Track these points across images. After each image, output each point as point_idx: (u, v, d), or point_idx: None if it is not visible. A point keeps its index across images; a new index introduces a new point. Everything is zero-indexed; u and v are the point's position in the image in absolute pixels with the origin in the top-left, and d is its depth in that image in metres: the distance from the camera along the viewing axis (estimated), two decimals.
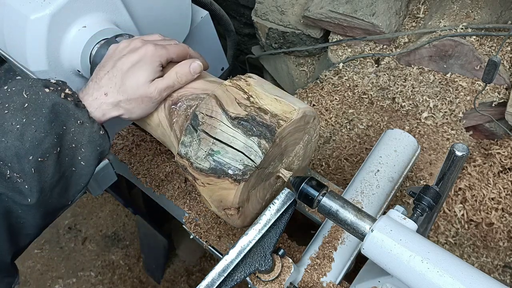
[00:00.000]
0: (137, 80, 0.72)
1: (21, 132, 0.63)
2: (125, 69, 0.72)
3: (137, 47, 0.75)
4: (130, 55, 0.73)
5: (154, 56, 0.73)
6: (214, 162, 0.67)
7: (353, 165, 1.19)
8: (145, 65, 0.73)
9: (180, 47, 0.78)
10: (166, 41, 0.79)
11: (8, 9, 0.85)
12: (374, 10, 1.30)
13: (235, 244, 0.67)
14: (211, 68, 1.46)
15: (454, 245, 1.07)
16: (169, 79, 0.74)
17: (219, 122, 0.66)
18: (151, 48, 0.74)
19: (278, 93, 0.71)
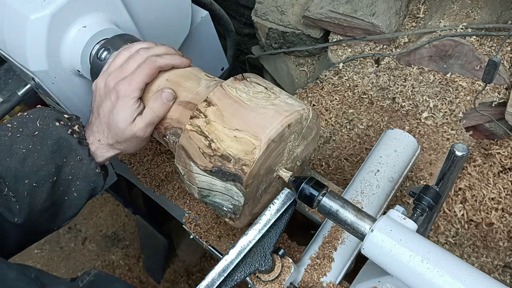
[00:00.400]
0: (118, 125, 0.74)
1: (24, 157, 0.69)
2: (106, 116, 0.75)
3: (109, 88, 0.75)
4: (106, 101, 0.75)
5: (125, 96, 0.73)
6: (209, 201, 0.73)
7: (353, 165, 1.19)
8: (121, 108, 0.73)
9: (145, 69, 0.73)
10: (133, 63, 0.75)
11: (8, 9, 0.85)
12: (374, 10, 1.30)
13: (235, 244, 0.67)
14: (211, 68, 1.47)
15: (454, 245, 1.07)
16: (148, 117, 0.74)
17: (195, 173, 0.69)
18: (121, 89, 0.73)
19: (240, 121, 0.65)
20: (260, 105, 0.66)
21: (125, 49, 0.78)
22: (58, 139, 0.72)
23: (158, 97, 0.73)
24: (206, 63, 1.40)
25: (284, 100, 0.69)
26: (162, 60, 0.75)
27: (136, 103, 0.74)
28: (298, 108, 0.68)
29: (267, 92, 0.69)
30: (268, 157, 0.67)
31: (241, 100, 0.67)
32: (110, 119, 0.74)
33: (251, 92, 0.68)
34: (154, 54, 0.76)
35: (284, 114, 0.66)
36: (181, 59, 0.78)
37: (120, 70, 0.75)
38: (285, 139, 0.69)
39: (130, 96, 0.73)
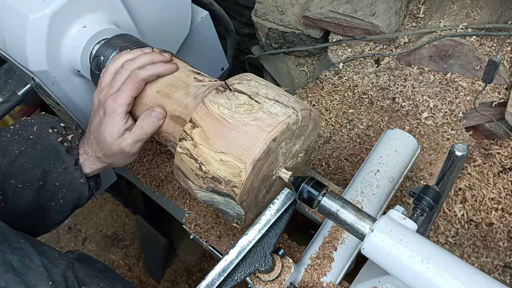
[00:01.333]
0: (106, 140, 0.75)
1: (15, 158, 0.73)
2: (95, 131, 0.77)
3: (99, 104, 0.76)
4: (95, 117, 0.77)
5: (112, 112, 0.74)
6: (217, 208, 0.74)
7: (353, 165, 1.19)
8: (108, 124, 0.75)
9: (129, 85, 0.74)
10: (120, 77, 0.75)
11: (8, 9, 0.85)
12: (374, 10, 1.30)
13: (235, 244, 0.67)
14: (211, 68, 1.47)
15: (454, 245, 1.07)
16: (137, 134, 0.75)
17: (195, 191, 0.71)
18: (108, 105, 0.74)
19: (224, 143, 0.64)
20: (242, 122, 0.64)
21: (112, 62, 0.78)
22: (47, 145, 0.75)
23: (148, 116, 0.74)
24: (206, 63, 1.40)
25: (268, 110, 0.65)
26: (145, 72, 0.74)
27: (123, 119, 0.74)
28: (282, 118, 0.64)
29: (250, 102, 0.66)
30: (259, 172, 0.67)
31: (223, 118, 0.65)
32: (98, 134, 0.76)
33: (233, 106, 0.66)
34: (138, 67, 0.75)
35: (266, 130, 0.63)
36: (165, 67, 0.77)
37: (109, 86, 0.76)
38: (274, 150, 0.67)
39: (116, 112, 0.74)
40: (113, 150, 0.75)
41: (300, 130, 0.71)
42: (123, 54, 0.80)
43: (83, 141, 0.80)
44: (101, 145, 0.76)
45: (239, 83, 0.69)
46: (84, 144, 0.80)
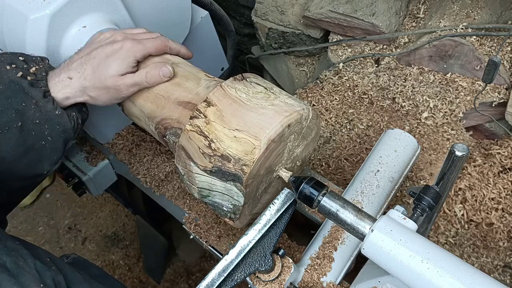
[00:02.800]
0: (107, 71, 0.74)
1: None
2: (98, 58, 0.75)
3: (116, 40, 0.77)
4: (107, 46, 0.76)
5: (129, 51, 0.75)
6: (209, 202, 0.74)
7: (353, 165, 1.19)
8: (119, 59, 0.75)
9: (157, 42, 0.79)
10: (148, 35, 0.80)
11: (8, 9, 0.85)
12: (374, 10, 1.30)
13: (235, 244, 0.67)
14: (211, 68, 1.47)
15: (454, 245, 1.07)
16: (138, 78, 0.76)
17: (195, 174, 0.70)
18: (129, 44, 0.75)
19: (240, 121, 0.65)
20: (259, 105, 0.66)
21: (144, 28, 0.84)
22: (9, 83, 0.71)
23: (157, 67, 0.76)
24: (206, 63, 1.40)
25: (284, 100, 0.68)
26: (172, 43, 0.81)
27: (134, 62, 0.76)
28: (298, 108, 0.68)
29: (266, 92, 0.69)
30: (268, 157, 0.67)
31: (241, 100, 0.67)
32: (102, 62, 0.74)
33: (250, 92, 0.68)
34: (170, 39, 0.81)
35: (283, 114, 0.66)
36: (186, 49, 0.84)
37: (133, 34, 0.79)
38: (285, 139, 0.69)
39: (133, 54, 0.75)
40: (108, 83, 0.75)
41: (306, 130, 0.73)
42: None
43: (67, 67, 0.77)
44: (97, 74, 0.75)
45: (255, 78, 0.72)
46: (69, 69, 0.76)
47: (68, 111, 0.77)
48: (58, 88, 0.75)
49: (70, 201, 2.49)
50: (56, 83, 0.75)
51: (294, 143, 0.72)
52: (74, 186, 1.18)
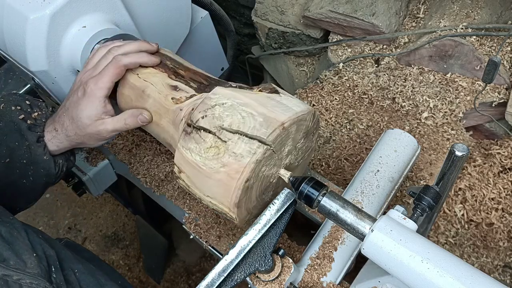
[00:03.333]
0: (81, 120, 0.76)
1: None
2: (71, 108, 0.77)
3: (81, 84, 0.77)
4: (74, 95, 0.78)
5: (91, 94, 0.75)
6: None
7: (353, 165, 1.19)
8: (86, 106, 0.75)
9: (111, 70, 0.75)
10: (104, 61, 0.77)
11: (8, 9, 0.85)
12: (374, 10, 1.30)
13: (235, 244, 0.67)
14: (211, 68, 1.47)
15: (454, 245, 1.07)
16: (118, 125, 0.77)
17: None
18: (88, 87, 0.75)
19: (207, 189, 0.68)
20: (213, 169, 0.65)
21: (102, 47, 0.81)
22: (9, 122, 0.76)
23: (135, 116, 0.76)
24: (206, 63, 1.40)
25: (233, 152, 0.64)
26: (127, 59, 0.76)
27: (102, 102, 0.76)
28: (247, 160, 0.63)
29: (216, 143, 0.66)
30: (250, 198, 0.70)
31: (197, 165, 0.67)
32: (74, 113, 0.76)
33: (202, 151, 0.66)
34: (123, 53, 0.77)
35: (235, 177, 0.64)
36: (148, 57, 0.78)
37: (93, 69, 0.77)
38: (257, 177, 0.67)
39: (95, 95, 0.75)
40: (89, 131, 0.77)
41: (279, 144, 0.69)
42: (114, 41, 0.82)
43: (53, 119, 0.81)
44: (75, 124, 0.77)
45: (203, 117, 0.67)
46: (54, 121, 0.80)
47: (56, 158, 0.82)
48: (49, 137, 0.80)
49: (70, 201, 2.49)
50: (48, 132, 0.80)
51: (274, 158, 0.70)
52: (74, 186, 1.18)
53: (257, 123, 0.65)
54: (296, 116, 0.67)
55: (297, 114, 0.67)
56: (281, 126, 0.65)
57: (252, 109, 0.66)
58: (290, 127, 0.67)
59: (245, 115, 0.66)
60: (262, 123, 0.65)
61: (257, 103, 0.67)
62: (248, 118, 0.65)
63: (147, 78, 0.78)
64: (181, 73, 0.79)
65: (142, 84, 0.78)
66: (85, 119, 0.75)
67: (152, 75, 0.78)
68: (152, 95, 0.77)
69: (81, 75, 0.79)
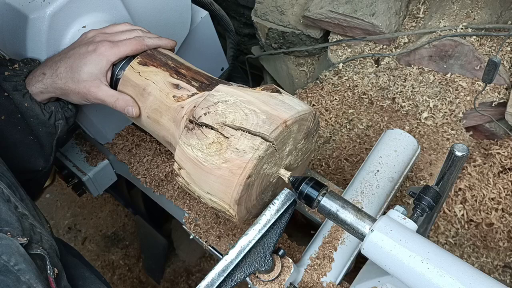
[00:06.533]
0: (79, 73, 0.76)
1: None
2: (73, 58, 0.77)
3: (94, 41, 0.78)
4: (82, 47, 0.77)
5: (102, 55, 0.76)
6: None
7: (353, 165, 1.19)
8: (92, 62, 0.76)
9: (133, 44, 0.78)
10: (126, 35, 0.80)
11: (8, 9, 0.85)
12: (374, 10, 1.30)
13: (235, 244, 0.67)
14: (211, 68, 1.47)
15: (454, 245, 1.07)
16: (108, 98, 0.78)
17: None
18: (103, 47, 0.76)
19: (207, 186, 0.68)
20: (215, 165, 0.65)
21: (128, 24, 0.83)
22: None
23: (126, 104, 0.77)
24: (206, 63, 1.40)
25: (235, 147, 0.64)
26: (150, 40, 0.80)
27: (108, 66, 0.77)
28: (249, 156, 0.63)
29: (218, 139, 0.66)
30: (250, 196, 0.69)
31: (199, 161, 0.67)
32: (76, 63, 0.76)
33: (204, 147, 0.66)
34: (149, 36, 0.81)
35: (237, 173, 0.64)
36: (167, 41, 0.83)
37: (113, 35, 0.79)
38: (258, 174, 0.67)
39: (107, 58, 0.76)
40: (81, 86, 0.76)
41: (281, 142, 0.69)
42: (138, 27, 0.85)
43: (45, 63, 0.80)
44: (71, 74, 0.76)
45: (206, 114, 0.67)
46: (45, 66, 0.80)
47: (48, 105, 0.80)
48: (32, 82, 0.79)
49: (70, 201, 2.49)
50: (30, 78, 0.79)
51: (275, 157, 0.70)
52: (74, 186, 1.18)
53: (260, 120, 0.65)
54: (298, 115, 0.67)
55: (300, 113, 0.67)
56: (283, 123, 0.65)
57: (255, 106, 0.66)
58: (292, 125, 0.67)
59: (248, 112, 0.66)
60: (265, 120, 0.65)
61: (259, 101, 0.67)
62: (251, 115, 0.65)
63: (149, 76, 0.78)
64: (182, 72, 0.79)
65: (143, 82, 0.78)
66: (84, 74, 0.76)
67: (153, 73, 0.78)
68: (153, 92, 0.77)
69: (95, 33, 0.80)
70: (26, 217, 0.60)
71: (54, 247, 0.64)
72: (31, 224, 0.61)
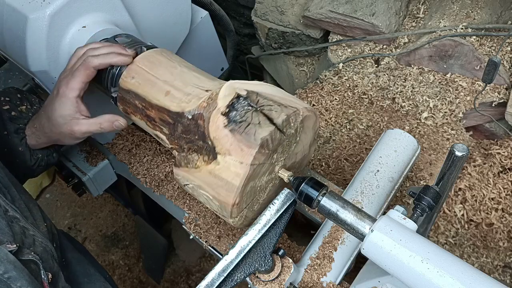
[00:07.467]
0: (56, 119, 0.78)
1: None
2: (47, 107, 0.80)
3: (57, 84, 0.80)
4: (50, 96, 0.81)
5: (63, 95, 0.77)
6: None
7: (353, 165, 1.19)
8: (60, 105, 0.78)
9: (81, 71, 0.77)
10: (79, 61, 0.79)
11: (8, 9, 0.85)
12: (374, 10, 1.30)
13: (235, 244, 0.67)
14: (211, 68, 1.47)
15: (454, 245, 1.07)
16: (92, 127, 0.79)
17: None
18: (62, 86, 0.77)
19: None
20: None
21: (79, 48, 0.82)
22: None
23: (111, 121, 0.79)
24: (206, 63, 1.40)
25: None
26: (96, 60, 0.77)
27: (74, 103, 0.77)
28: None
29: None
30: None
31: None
32: (49, 112, 0.79)
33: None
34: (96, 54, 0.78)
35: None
36: (118, 57, 0.78)
37: (70, 70, 0.80)
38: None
39: (67, 96, 0.77)
40: (63, 130, 0.79)
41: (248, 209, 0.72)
42: (92, 42, 0.84)
43: (36, 116, 0.85)
44: (51, 123, 0.79)
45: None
46: (35, 119, 0.85)
47: (37, 152, 0.86)
48: (29, 133, 0.84)
49: (70, 201, 2.49)
50: (29, 127, 0.84)
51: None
52: (74, 186, 1.18)
53: (217, 207, 0.70)
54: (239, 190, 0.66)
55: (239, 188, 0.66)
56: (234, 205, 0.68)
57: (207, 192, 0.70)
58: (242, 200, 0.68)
59: (206, 198, 0.71)
60: (220, 207, 0.69)
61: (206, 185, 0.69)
62: (209, 201, 0.71)
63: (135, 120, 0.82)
64: (150, 115, 0.77)
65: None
66: (58, 118, 0.78)
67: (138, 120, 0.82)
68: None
69: (60, 76, 0.82)
70: (17, 220, 0.61)
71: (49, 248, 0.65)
72: (22, 227, 0.62)
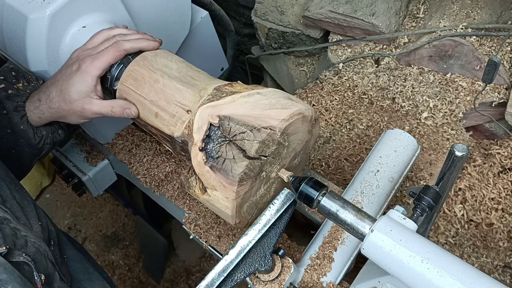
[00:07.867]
0: (69, 94, 0.77)
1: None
2: (61, 81, 0.78)
3: (77, 59, 0.78)
4: (68, 69, 0.78)
5: (85, 71, 0.76)
6: None
7: (353, 165, 1.19)
8: (78, 81, 0.76)
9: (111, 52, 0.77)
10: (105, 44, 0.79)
11: (8, 9, 0.85)
12: (374, 10, 1.29)
13: (235, 244, 0.67)
14: (211, 68, 1.47)
15: (454, 245, 1.07)
16: (104, 110, 0.78)
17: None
18: (84, 64, 0.76)
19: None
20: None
21: (106, 30, 0.82)
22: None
23: (123, 108, 0.77)
24: (206, 63, 1.40)
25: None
26: (128, 43, 0.78)
27: (95, 80, 0.77)
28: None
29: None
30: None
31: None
32: (64, 86, 0.77)
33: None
34: (128, 39, 0.79)
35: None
36: (148, 42, 0.80)
37: (94, 48, 0.79)
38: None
39: (90, 73, 0.76)
40: (74, 106, 0.77)
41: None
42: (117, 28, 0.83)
43: (39, 90, 0.82)
44: (62, 96, 0.77)
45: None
46: (40, 92, 0.81)
47: (40, 129, 0.82)
48: (31, 108, 0.80)
49: (70, 201, 2.49)
50: (30, 103, 0.81)
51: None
52: (74, 186, 1.18)
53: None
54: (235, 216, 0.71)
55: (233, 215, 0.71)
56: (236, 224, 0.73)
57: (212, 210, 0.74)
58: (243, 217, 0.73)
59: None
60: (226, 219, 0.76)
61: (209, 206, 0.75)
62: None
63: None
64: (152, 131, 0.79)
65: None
66: (73, 94, 0.76)
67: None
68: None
69: (78, 52, 0.80)
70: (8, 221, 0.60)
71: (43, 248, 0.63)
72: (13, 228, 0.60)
